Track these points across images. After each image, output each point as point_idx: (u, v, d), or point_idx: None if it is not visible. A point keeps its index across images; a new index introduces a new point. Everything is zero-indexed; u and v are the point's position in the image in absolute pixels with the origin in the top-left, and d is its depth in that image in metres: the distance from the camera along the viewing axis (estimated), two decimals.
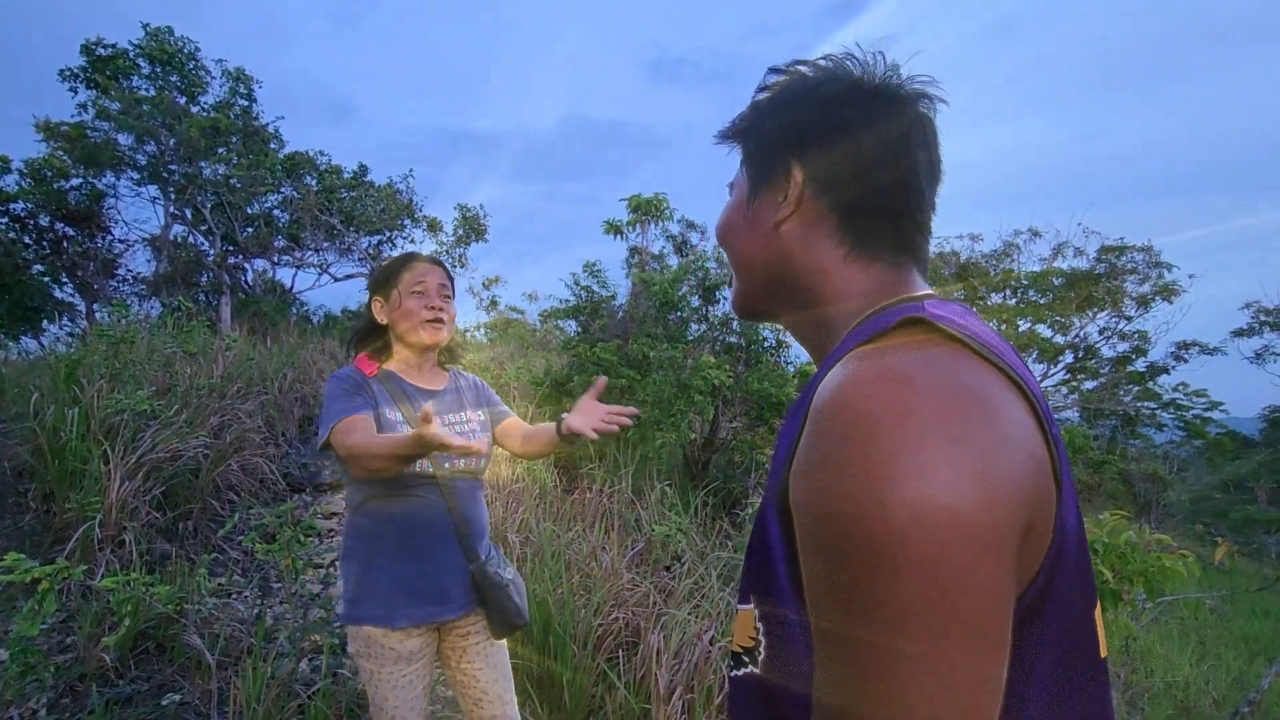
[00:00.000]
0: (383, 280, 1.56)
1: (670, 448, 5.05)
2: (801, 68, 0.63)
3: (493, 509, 3.58)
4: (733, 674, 0.58)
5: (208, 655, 2.30)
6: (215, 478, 3.64)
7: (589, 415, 1.55)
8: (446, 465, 1.51)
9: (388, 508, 1.46)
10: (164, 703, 2.29)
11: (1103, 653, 0.53)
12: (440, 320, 1.54)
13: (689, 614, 2.42)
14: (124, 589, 2.27)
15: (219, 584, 2.99)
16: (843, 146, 0.59)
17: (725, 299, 5.96)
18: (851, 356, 0.47)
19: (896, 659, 0.39)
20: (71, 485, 3.15)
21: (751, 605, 0.55)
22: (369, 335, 1.60)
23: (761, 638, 0.53)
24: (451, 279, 1.62)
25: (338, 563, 1.45)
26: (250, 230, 10.06)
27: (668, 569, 2.96)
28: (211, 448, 3.70)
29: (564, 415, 1.58)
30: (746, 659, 0.55)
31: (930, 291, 0.58)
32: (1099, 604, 0.52)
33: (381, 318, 1.56)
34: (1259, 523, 13.80)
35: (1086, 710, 0.50)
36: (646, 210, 6.69)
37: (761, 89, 0.65)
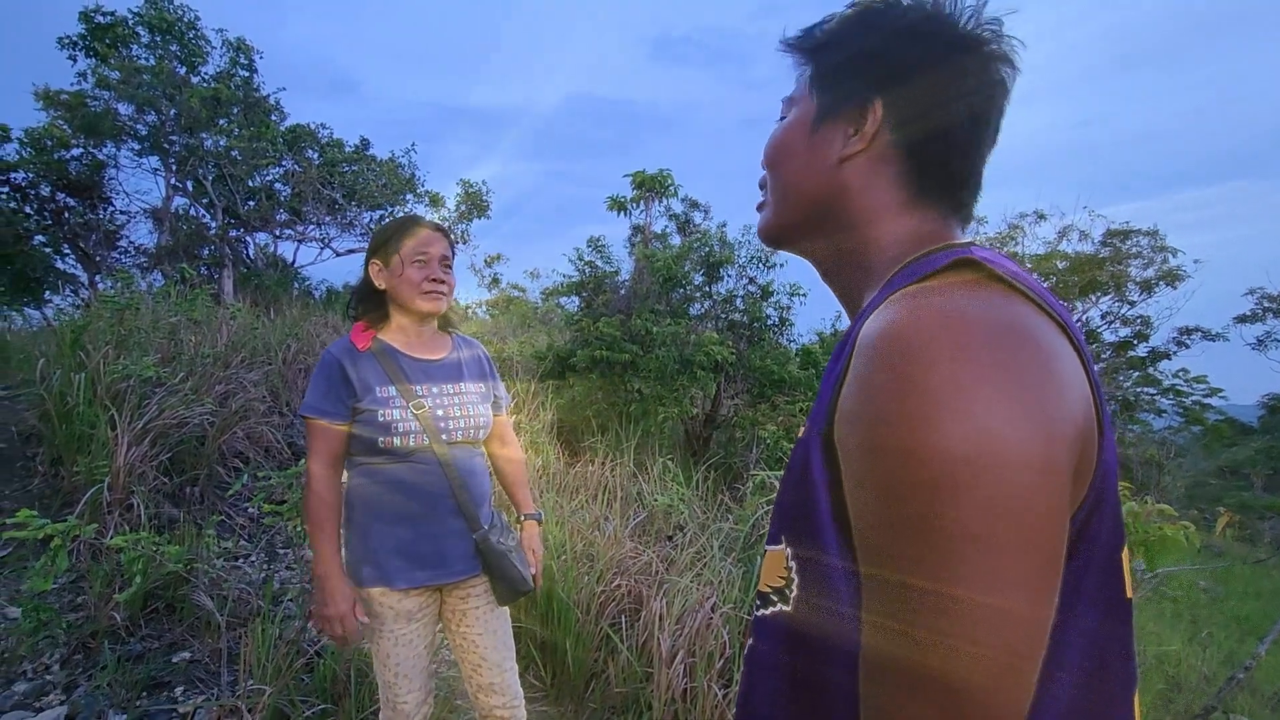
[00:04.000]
0: (383, 243, 1.52)
1: (672, 423, 5.07)
2: None
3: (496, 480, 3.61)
4: (758, 614, 0.59)
5: (217, 615, 2.34)
6: (221, 445, 3.67)
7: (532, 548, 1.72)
8: (444, 438, 1.50)
9: (386, 474, 1.47)
10: (174, 660, 2.33)
11: (1128, 594, 0.53)
12: (441, 291, 1.52)
13: (691, 581, 2.45)
14: (134, 548, 2.29)
15: (226, 549, 3.03)
16: (929, 88, 0.56)
17: (729, 276, 5.95)
18: (902, 294, 0.47)
19: (954, 594, 0.38)
20: (79, 450, 3.17)
21: (783, 545, 0.55)
22: (366, 300, 1.57)
23: (794, 576, 0.54)
24: (454, 247, 1.60)
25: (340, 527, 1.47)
26: (252, 203, 10.00)
27: (670, 539, 3.00)
28: (217, 415, 3.72)
29: (536, 519, 1.78)
30: (776, 598, 0.56)
31: (973, 240, 0.57)
32: (1126, 546, 0.53)
33: (379, 282, 1.52)
34: (1254, 508, 13.90)
35: (1115, 649, 0.50)
36: (651, 186, 6.65)
37: (852, 4, 0.61)
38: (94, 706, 2.06)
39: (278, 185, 10.34)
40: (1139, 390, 13.65)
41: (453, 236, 1.65)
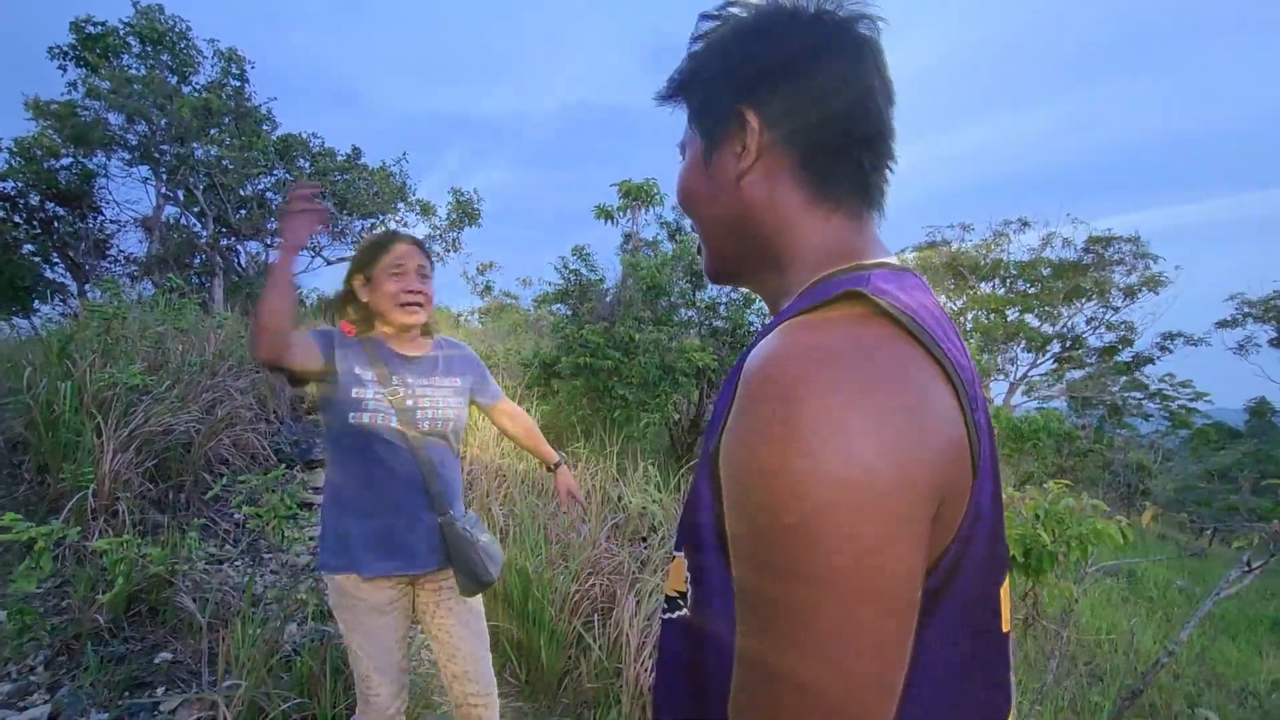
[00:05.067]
0: (362, 262, 1.60)
1: (655, 428, 5.15)
2: (734, 9, 0.60)
3: (478, 484, 3.68)
4: (665, 616, 0.61)
5: (199, 616, 2.39)
6: (207, 451, 3.72)
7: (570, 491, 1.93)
8: (421, 427, 1.58)
9: (359, 460, 1.54)
10: (156, 661, 2.38)
11: (1005, 628, 0.54)
12: (418, 303, 1.59)
13: (662, 580, 2.53)
14: (117, 551, 2.35)
15: (210, 552, 3.08)
16: (795, 82, 0.56)
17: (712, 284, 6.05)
18: (786, 326, 0.48)
19: (808, 623, 0.40)
20: (65, 457, 3.23)
21: (683, 554, 0.58)
22: (348, 304, 1.65)
23: (689, 585, 0.56)
24: (430, 259, 1.67)
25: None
26: (243, 212, 10.06)
27: (644, 540, 3.07)
28: (203, 423, 3.78)
29: (563, 464, 1.96)
30: (681, 602, 0.58)
31: (885, 259, 0.57)
32: (1007, 579, 0.55)
33: (363, 296, 1.61)
34: (1240, 511, 14.05)
35: (983, 680, 0.53)
36: (637, 196, 6.75)
37: (696, 38, 0.62)
38: (77, 705, 2.11)
39: (269, 194, 10.40)
40: (1126, 395, 13.84)
41: (444, 251, 1.75)
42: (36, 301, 8.81)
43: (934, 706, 0.48)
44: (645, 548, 2.94)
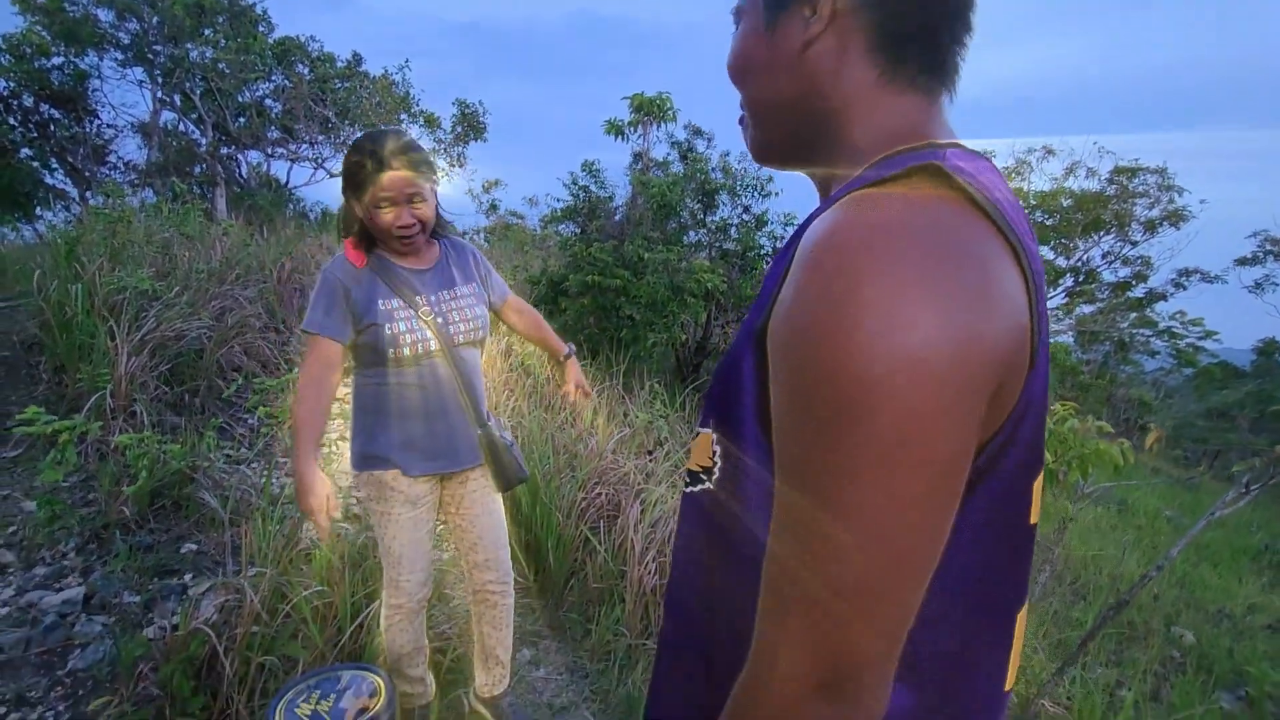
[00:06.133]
0: (351, 186, 1.50)
1: (662, 349, 5.17)
2: None
3: (487, 399, 3.74)
4: (687, 490, 0.61)
5: (220, 511, 2.49)
6: (219, 358, 3.77)
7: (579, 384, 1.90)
8: (457, 340, 1.59)
9: (397, 378, 1.55)
10: (182, 551, 2.50)
11: (1032, 519, 0.54)
12: (410, 235, 1.52)
13: (667, 490, 2.60)
14: (139, 446, 2.42)
15: (226, 454, 3.18)
16: None
17: (724, 204, 5.92)
18: (854, 197, 0.45)
19: (852, 501, 0.40)
20: (81, 359, 3.27)
21: (711, 429, 0.57)
22: (352, 222, 1.59)
23: (718, 459, 0.56)
24: (427, 171, 1.52)
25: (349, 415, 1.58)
26: (242, 120, 9.77)
27: (650, 453, 3.14)
28: (214, 330, 3.81)
29: (573, 355, 1.91)
30: (704, 477, 0.58)
31: (957, 141, 0.53)
32: (1041, 474, 0.54)
33: (358, 213, 1.53)
34: (1236, 449, 14.21)
35: (1008, 568, 0.53)
36: (649, 110, 6.50)
37: None
38: (110, 588, 2.23)
39: (268, 101, 10.08)
40: (1135, 331, 13.74)
41: (449, 166, 1.68)
42: (39, 208, 8.72)
43: (960, 588, 0.49)
44: (651, 460, 3.01)
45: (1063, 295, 13.31)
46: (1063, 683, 1.89)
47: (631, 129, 6.64)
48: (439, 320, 1.57)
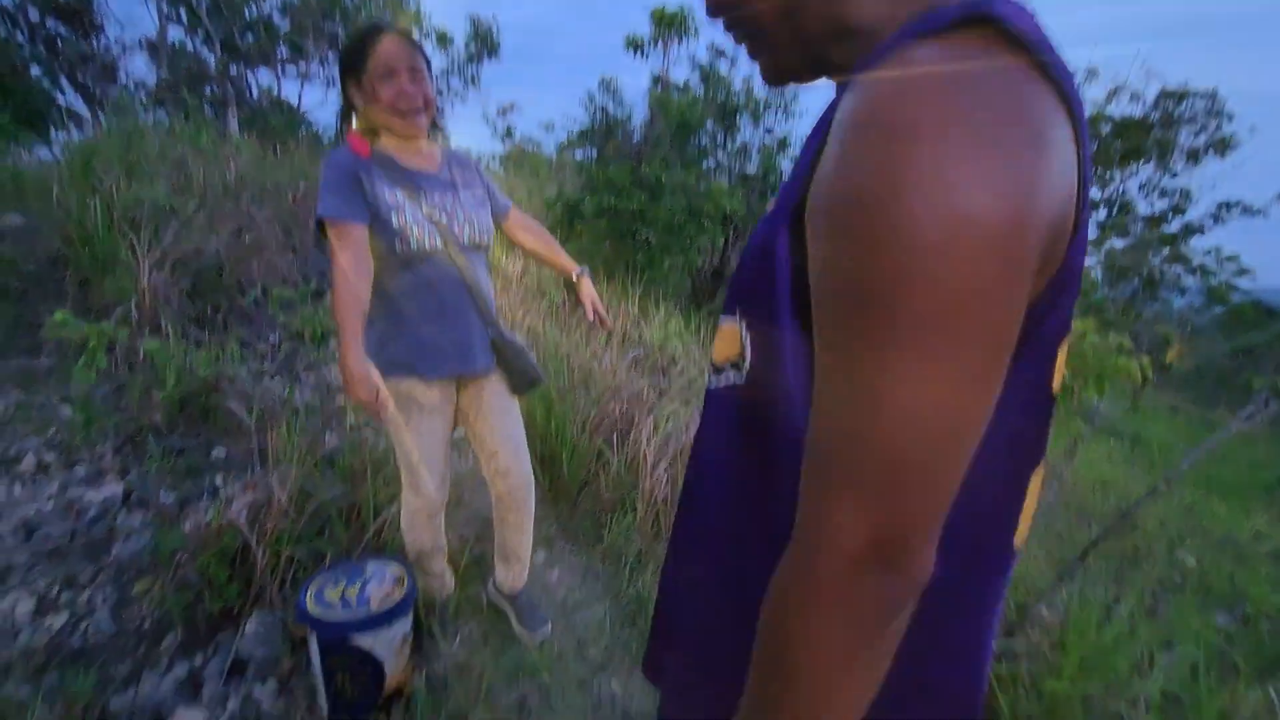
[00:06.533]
0: (349, 64, 1.46)
1: (678, 274, 5.13)
2: None
3: (500, 313, 3.77)
4: (710, 386, 0.60)
5: (246, 419, 2.57)
6: (239, 277, 3.81)
7: (592, 303, 1.79)
8: (462, 240, 1.57)
9: (406, 277, 1.54)
10: (211, 456, 2.61)
11: (1055, 387, 0.53)
12: (415, 106, 1.46)
13: (679, 405, 2.64)
14: (166, 351, 2.49)
15: (250, 367, 3.26)
16: None
17: (746, 126, 5.73)
18: (900, 55, 0.41)
19: (908, 371, 0.39)
20: (104, 272, 3.33)
21: (736, 318, 0.55)
22: (351, 112, 1.55)
23: (747, 349, 0.54)
24: (424, 54, 1.50)
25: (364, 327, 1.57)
26: (251, 37, 9.49)
27: (663, 372, 3.17)
28: (232, 248, 3.83)
29: (584, 273, 1.80)
30: (730, 370, 0.57)
31: None
32: (1066, 341, 0.53)
33: (358, 101, 1.49)
34: (1256, 390, 13.99)
35: (1030, 429, 0.53)
36: (671, 24, 6.21)
37: None
38: (146, 487, 2.35)
39: (276, 17, 9.75)
40: (1165, 267, 13.35)
41: (463, 87, 1.60)
42: (53, 129, 8.65)
43: (987, 451, 0.48)
44: (665, 379, 3.04)
45: (1094, 229, 12.90)
46: (1060, 592, 1.94)
47: (652, 45, 6.37)
48: (444, 218, 1.55)
